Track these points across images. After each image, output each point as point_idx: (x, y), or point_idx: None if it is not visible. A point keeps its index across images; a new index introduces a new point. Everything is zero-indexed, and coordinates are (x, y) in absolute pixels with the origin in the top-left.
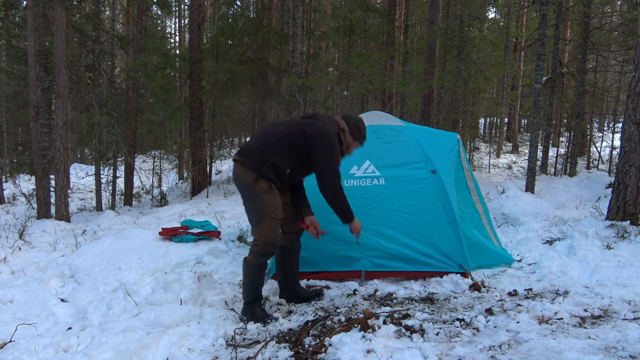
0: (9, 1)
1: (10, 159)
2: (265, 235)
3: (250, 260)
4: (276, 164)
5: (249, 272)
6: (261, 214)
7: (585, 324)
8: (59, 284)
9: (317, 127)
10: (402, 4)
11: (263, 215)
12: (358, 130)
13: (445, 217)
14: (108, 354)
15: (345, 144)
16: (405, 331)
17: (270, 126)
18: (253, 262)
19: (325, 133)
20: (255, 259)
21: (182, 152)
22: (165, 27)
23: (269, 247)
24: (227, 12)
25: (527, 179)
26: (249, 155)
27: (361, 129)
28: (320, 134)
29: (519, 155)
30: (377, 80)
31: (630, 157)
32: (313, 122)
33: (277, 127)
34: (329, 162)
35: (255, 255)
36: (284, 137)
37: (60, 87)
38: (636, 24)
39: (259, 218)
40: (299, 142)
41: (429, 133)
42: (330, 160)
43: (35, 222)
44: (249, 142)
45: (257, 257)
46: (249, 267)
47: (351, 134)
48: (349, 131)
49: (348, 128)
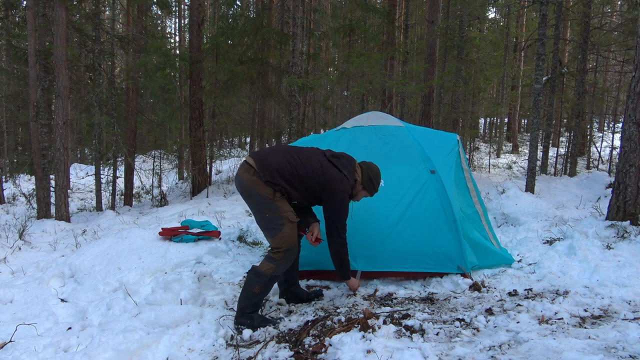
0: (9, 1)
1: (10, 159)
2: (288, 241)
3: (267, 271)
4: (289, 193)
5: (262, 282)
6: (280, 220)
7: (585, 324)
8: (59, 284)
9: (335, 184)
10: (402, 4)
11: (283, 221)
12: (371, 183)
13: (445, 217)
14: (108, 354)
15: (354, 192)
16: (405, 331)
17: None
18: (271, 272)
19: (340, 191)
20: (275, 269)
21: (182, 152)
22: (165, 27)
23: (291, 253)
24: (227, 12)
25: (527, 179)
26: (268, 174)
27: (374, 183)
28: (336, 193)
29: (519, 155)
30: (377, 80)
31: (630, 157)
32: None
33: (301, 161)
34: (340, 218)
35: (276, 264)
36: (306, 178)
37: (60, 87)
38: (636, 24)
39: (278, 226)
40: (316, 188)
41: (428, 133)
42: (342, 216)
43: (35, 222)
44: (271, 159)
45: (279, 266)
46: (262, 277)
47: (362, 185)
48: (361, 182)
49: (361, 179)
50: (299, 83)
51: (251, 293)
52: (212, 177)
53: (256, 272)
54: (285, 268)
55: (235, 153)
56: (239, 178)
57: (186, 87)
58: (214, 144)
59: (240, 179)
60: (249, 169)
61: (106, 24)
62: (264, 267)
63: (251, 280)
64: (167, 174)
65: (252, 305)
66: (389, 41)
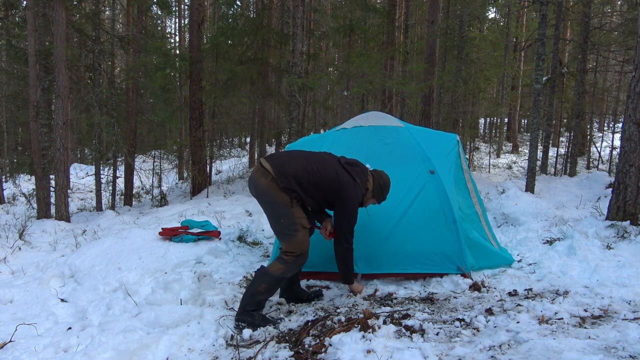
0: (9, 1)
1: (10, 159)
2: (301, 246)
3: (276, 271)
4: (303, 200)
5: (269, 281)
6: (295, 226)
7: (585, 324)
8: (59, 284)
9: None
10: (402, 4)
11: (297, 227)
12: (381, 192)
13: (444, 217)
14: (108, 354)
15: (364, 199)
16: (405, 331)
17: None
18: (280, 273)
19: (353, 199)
20: (284, 271)
21: (182, 152)
22: (165, 27)
23: (302, 258)
24: (227, 12)
25: (527, 179)
26: (286, 180)
27: (384, 191)
28: (349, 200)
29: (519, 155)
30: (377, 80)
31: (630, 157)
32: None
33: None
34: (350, 225)
35: (287, 266)
36: (321, 184)
37: (60, 87)
38: (636, 24)
39: (292, 232)
40: (330, 194)
41: (428, 134)
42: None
43: (35, 222)
44: (288, 165)
45: (289, 269)
46: (270, 277)
47: (372, 194)
48: (372, 191)
49: (372, 188)
50: (299, 83)
51: (256, 291)
52: (212, 177)
53: (265, 271)
54: (294, 272)
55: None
56: (255, 181)
57: (186, 87)
58: (214, 144)
59: (257, 182)
60: (266, 173)
61: (106, 24)
62: (273, 267)
63: (258, 278)
64: (167, 174)
65: (255, 303)
66: (389, 41)
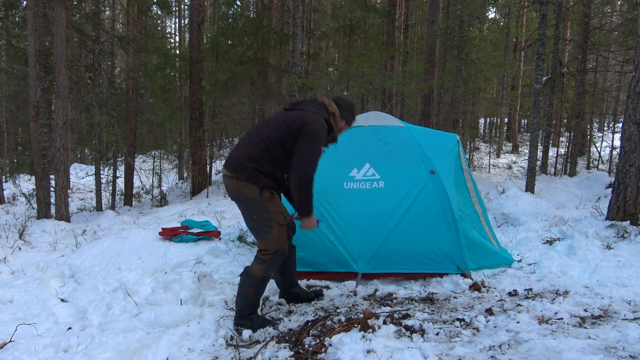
0: (9, 1)
1: (10, 159)
2: (276, 244)
3: (257, 273)
4: (274, 171)
5: (255, 284)
6: (268, 223)
7: (585, 324)
8: (59, 284)
9: (303, 118)
10: (402, 4)
11: (271, 224)
12: (351, 113)
13: (444, 217)
14: (108, 354)
15: (336, 128)
16: (405, 331)
17: (253, 132)
18: (262, 273)
19: (312, 122)
20: (265, 270)
21: (182, 152)
22: (165, 27)
23: (280, 255)
24: (227, 12)
25: (527, 179)
26: (243, 170)
27: (353, 112)
28: (307, 124)
29: (519, 155)
30: (377, 80)
31: (630, 157)
32: (297, 115)
33: (261, 134)
34: (311, 151)
35: (266, 266)
36: (272, 143)
37: (60, 87)
38: (636, 24)
39: (266, 228)
40: (290, 142)
41: (428, 133)
42: (313, 150)
43: (35, 222)
44: (236, 154)
45: (269, 268)
46: (253, 279)
47: (343, 117)
48: (341, 115)
49: (340, 111)
50: (299, 83)
51: (246, 296)
52: (212, 177)
53: (248, 274)
54: (276, 268)
55: None
56: (226, 187)
57: (186, 87)
58: (214, 144)
59: (227, 187)
60: (228, 177)
61: (106, 24)
62: (254, 269)
63: (244, 283)
64: (167, 174)
65: (249, 307)
66: (389, 41)
